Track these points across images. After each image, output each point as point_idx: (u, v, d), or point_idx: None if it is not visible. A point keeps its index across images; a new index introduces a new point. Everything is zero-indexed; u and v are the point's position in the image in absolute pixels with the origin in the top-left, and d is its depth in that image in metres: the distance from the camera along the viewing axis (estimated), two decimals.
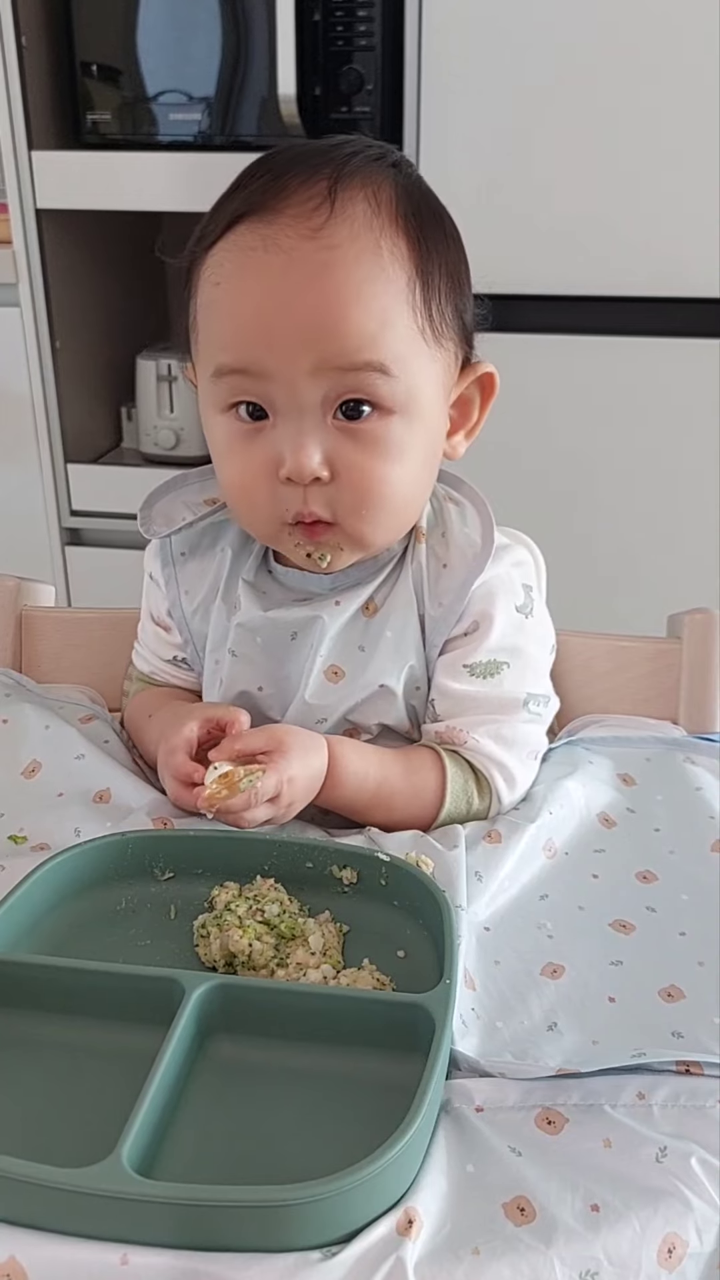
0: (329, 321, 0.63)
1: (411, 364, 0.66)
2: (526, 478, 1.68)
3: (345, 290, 0.63)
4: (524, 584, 0.76)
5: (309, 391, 0.65)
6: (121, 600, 0.94)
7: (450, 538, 0.75)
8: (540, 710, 0.76)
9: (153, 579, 0.83)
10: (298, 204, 0.64)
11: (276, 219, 0.64)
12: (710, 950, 0.60)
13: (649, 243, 1.58)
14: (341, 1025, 0.52)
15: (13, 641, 0.92)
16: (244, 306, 0.65)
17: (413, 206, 0.67)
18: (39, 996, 0.54)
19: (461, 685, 0.74)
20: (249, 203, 0.65)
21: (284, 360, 0.64)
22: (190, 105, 1.71)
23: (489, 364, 0.73)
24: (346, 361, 0.64)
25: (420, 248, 0.66)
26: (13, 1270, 0.42)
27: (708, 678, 0.85)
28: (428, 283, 0.67)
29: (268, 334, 0.64)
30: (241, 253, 0.65)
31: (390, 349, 0.65)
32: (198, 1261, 0.42)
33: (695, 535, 1.72)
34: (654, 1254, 0.44)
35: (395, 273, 0.65)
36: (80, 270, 1.89)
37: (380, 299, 0.64)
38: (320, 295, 0.63)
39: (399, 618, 0.75)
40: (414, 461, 0.69)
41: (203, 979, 0.53)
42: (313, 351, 0.64)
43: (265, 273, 0.64)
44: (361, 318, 0.64)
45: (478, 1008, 0.56)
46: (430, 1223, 0.44)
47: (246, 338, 0.65)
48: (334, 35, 1.60)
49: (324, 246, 0.63)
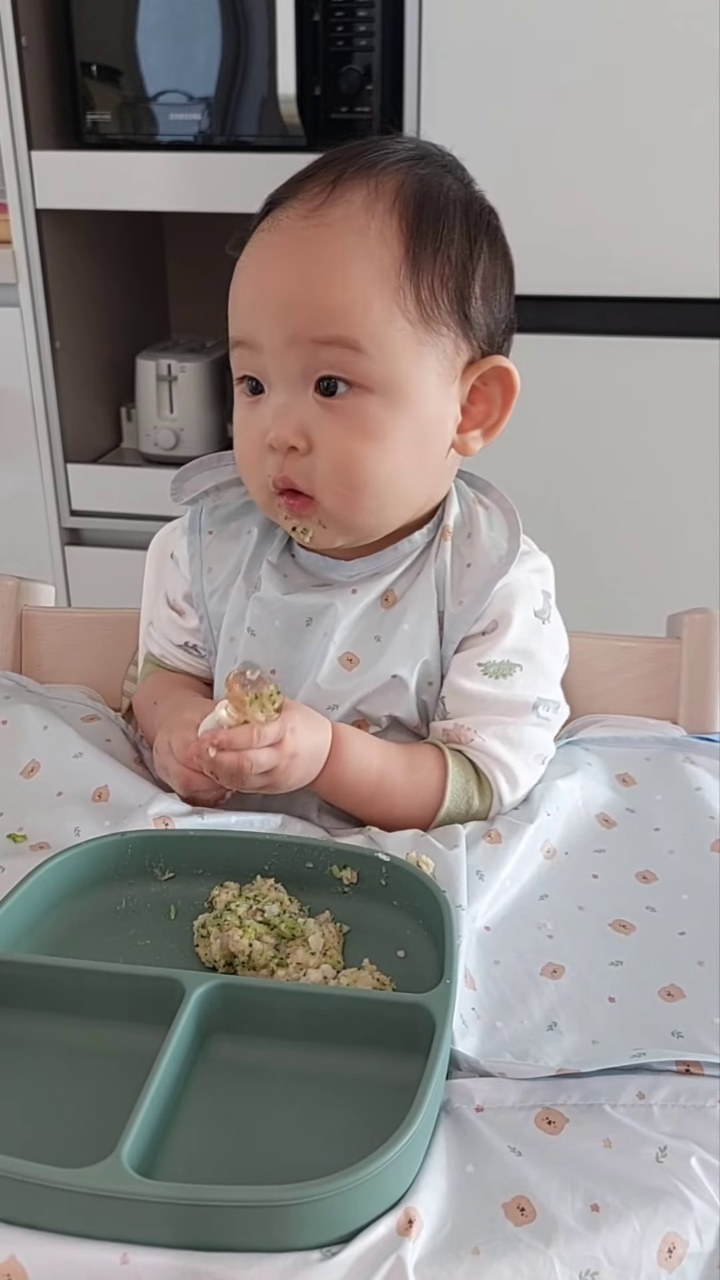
0: (304, 293, 0.67)
1: (392, 346, 0.67)
2: (526, 477, 1.67)
3: (322, 265, 0.67)
4: (543, 590, 0.77)
5: (289, 363, 0.68)
6: (121, 600, 0.94)
7: (476, 539, 0.76)
8: (549, 715, 0.76)
9: (174, 559, 0.83)
10: (306, 189, 0.69)
11: (288, 205, 0.69)
12: (710, 950, 0.60)
13: (649, 243, 1.58)
14: (341, 1025, 0.52)
15: (13, 641, 0.92)
16: (244, 280, 0.71)
17: (419, 195, 0.68)
18: (39, 996, 0.54)
19: (474, 684, 0.74)
20: (276, 194, 0.71)
21: (267, 332, 0.68)
22: (190, 105, 1.71)
23: (503, 359, 0.73)
24: (318, 334, 0.67)
25: (417, 228, 0.68)
26: (13, 1270, 0.42)
27: (707, 678, 0.85)
28: (417, 266, 0.67)
29: (255, 306, 0.69)
30: (257, 236, 0.71)
31: (363, 327, 0.66)
32: (198, 1261, 0.42)
33: (695, 535, 1.72)
34: (654, 1254, 0.44)
35: (380, 252, 0.66)
36: (80, 270, 1.89)
37: (359, 276, 0.66)
38: (299, 268, 0.67)
39: (417, 611, 0.75)
40: (397, 445, 0.69)
41: (203, 979, 0.53)
42: (288, 323, 0.67)
43: (264, 249, 0.69)
44: (334, 292, 0.66)
45: (478, 1007, 0.56)
46: (430, 1223, 0.44)
47: (242, 310, 0.70)
48: (334, 35, 1.60)
49: (314, 224, 0.67)
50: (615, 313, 1.63)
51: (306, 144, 1.67)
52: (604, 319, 1.63)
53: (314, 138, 1.67)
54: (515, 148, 1.55)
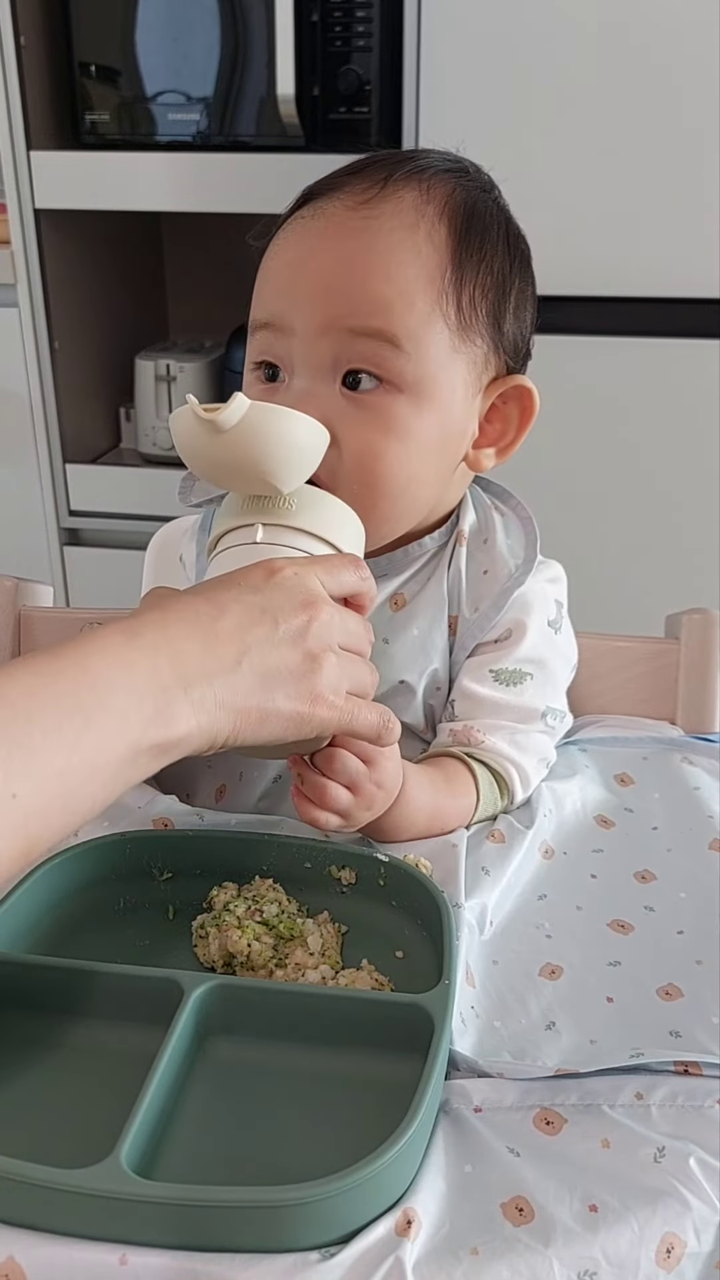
0: (347, 280, 0.65)
1: (428, 347, 0.66)
2: (526, 477, 1.68)
3: (370, 255, 0.65)
4: (556, 599, 0.77)
5: (319, 350, 0.66)
6: (120, 600, 0.94)
7: (493, 545, 0.75)
8: (555, 724, 0.76)
9: (182, 562, 0.82)
10: (354, 184, 0.68)
11: (333, 196, 0.68)
12: (709, 949, 0.60)
13: (649, 243, 1.59)
14: (340, 1026, 0.52)
15: (11, 642, 0.92)
16: (278, 262, 0.69)
17: (468, 205, 0.69)
18: (39, 996, 0.54)
19: (485, 690, 0.74)
20: (316, 186, 0.69)
21: (301, 314, 0.66)
22: (189, 105, 1.71)
23: (527, 380, 0.72)
24: (358, 323, 0.65)
25: (463, 240, 0.68)
26: (11, 1270, 0.42)
27: (706, 678, 0.85)
28: (461, 273, 0.67)
29: (292, 286, 0.67)
30: (296, 223, 0.69)
31: (404, 323, 0.65)
32: (196, 1262, 0.42)
33: (695, 535, 1.72)
34: (652, 1254, 0.44)
35: (428, 251, 0.66)
36: (79, 270, 1.89)
37: (405, 271, 0.65)
38: (345, 254, 0.66)
39: (427, 617, 0.75)
40: (420, 447, 0.68)
41: (202, 979, 0.53)
42: (328, 307, 0.65)
43: (305, 234, 0.68)
44: (380, 284, 0.65)
45: (476, 1006, 0.56)
46: (429, 1223, 0.44)
47: (275, 290, 0.68)
48: (333, 36, 1.60)
49: (363, 216, 0.66)
50: (615, 313, 1.63)
51: (305, 144, 1.67)
52: (604, 319, 1.63)
53: (313, 138, 1.67)
54: (515, 148, 1.55)
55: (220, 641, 0.53)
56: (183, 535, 0.84)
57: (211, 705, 0.52)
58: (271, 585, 0.56)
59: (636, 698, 0.87)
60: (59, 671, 0.48)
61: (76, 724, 0.47)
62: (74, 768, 0.47)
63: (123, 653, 0.50)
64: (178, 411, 0.60)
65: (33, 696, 0.47)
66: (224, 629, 0.53)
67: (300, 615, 0.55)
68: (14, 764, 0.45)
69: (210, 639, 0.53)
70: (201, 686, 0.51)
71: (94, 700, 0.48)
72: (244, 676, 0.53)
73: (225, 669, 0.52)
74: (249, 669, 0.53)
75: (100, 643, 0.50)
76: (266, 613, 0.55)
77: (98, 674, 0.49)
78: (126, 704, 0.49)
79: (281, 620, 0.55)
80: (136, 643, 0.51)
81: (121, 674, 0.49)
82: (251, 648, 0.53)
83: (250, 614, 0.54)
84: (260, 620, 0.54)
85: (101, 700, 0.48)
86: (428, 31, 1.55)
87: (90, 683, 0.48)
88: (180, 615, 0.53)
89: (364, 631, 0.61)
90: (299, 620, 0.55)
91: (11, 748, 0.45)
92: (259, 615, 0.54)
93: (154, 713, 0.49)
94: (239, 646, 0.53)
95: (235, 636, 0.53)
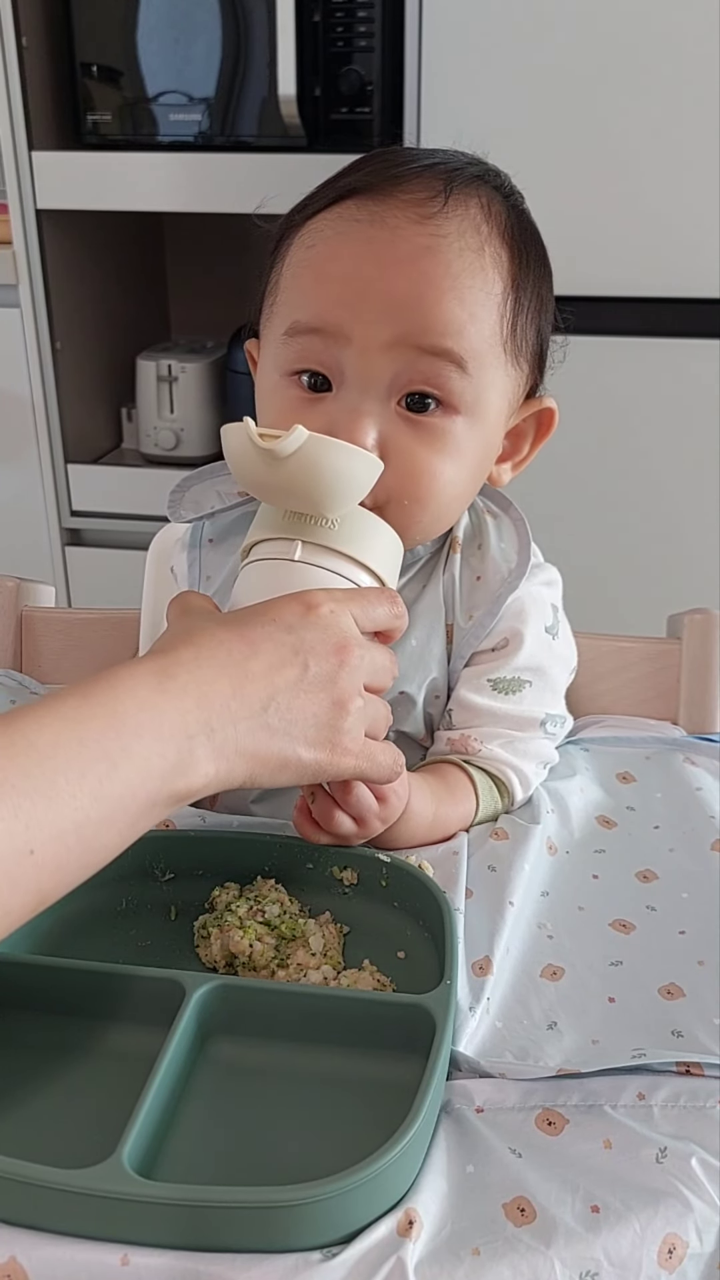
0: (421, 299, 0.64)
1: (488, 370, 0.66)
2: (526, 478, 1.68)
3: (445, 276, 0.64)
4: (553, 604, 0.76)
5: (381, 365, 0.64)
6: (122, 600, 0.94)
7: (486, 551, 0.75)
8: (555, 730, 0.76)
9: (173, 573, 0.82)
10: (412, 191, 0.65)
11: (388, 199, 0.65)
12: (710, 949, 0.60)
13: (649, 243, 1.59)
14: (342, 1026, 0.52)
15: (13, 642, 0.92)
16: (336, 268, 0.65)
17: (519, 226, 0.69)
18: (39, 997, 0.54)
19: (483, 699, 0.73)
20: (363, 181, 0.66)
21: (365, 326, 0.64)
22: (190, 106, 1.71)
23: (552, 400, 0.73)
24: (428, 343, 0.64)
25: (520, 264, 0.68)
26: (13, 1271, 0.42)
27: (707, 678, 0.85)
28: (520, 299, 0.67)
29: (356, 297, 0.64)
30: (345, 222, 0.65)
31: (472, 346, 0.65)
32: (198, 1262, 0.42)
33: (695, 535, 1.72)
34: (654, 1255, 0.44)
35: (493, 277, 0.66)
36: (80, 271, 1.89)
37: (474, 295, 0.65)
38: (419, 273, 0.64)
39: (424, 626, 0.74)
40: (468, 466, 0.68)
41: (203, 980, 0.53)
42: (397, 323, 0.63)
43: (367, 242, 0.64)
44: (454, 306, 0.64)
45: (492, 997, 0.56)
46: (430, 1223, 0.44)
47: (332, 297, 0.65)
48: (334, 36, 1.60)
49: (431, 233, 0.64)
50: (615, 313, 1.63)
51: (307, 145, 1.67)
52: (604, 319, 1.63)
53: (314, 138, 1.67)
54: (515, 148, 1.55)
55: (250, 682, 0.53)
56: (174, 545, 0.83)
57: (232, 752, 0.52)
58: (306, 624, 0.56)
59: (638, 698, 0.87)
60: (89, 715, 0.48)
61: (100, 770, 0.47)
62: (92, 820, 0.47)
63: (153, 696, 0.50)
64: (232, 426, 0.60)
65: (58, 746, 0.47)
66: (255, 670, 0.53)
67: (332, 659, 0.56)
68: (36, 813, 0.45)
69: (240, 680, 0.53)
70: (225, 730, 0.51)
71: (119, 748, 0.48)
72: (268, 723, 0.53)
73: (251, 713, 0.52)
74: (275, 715, 0.53)
75: (131, 684, 0.50)
76: (299, 654, 0.55)
77: (125, 716, 0.49)
78: (150, 751, 0.49)
79: (313, 663, 0.55)
80: (168, 686, 0.51)
81: (149, 717, 0.49)
82: (280, 691, 0.53)
83: (282, 654, 0.54)
84: (291, 662, 0.54)
85: (127, 748, 0.48)
86: (429, 32, 1.55)
87: (118, 728, 0.48)
88: (213, 655, 0.53)
89: (390, 665, 0.61)
90: (330, 664, 0.55)
91: (35, 797, 0.45)
92: (290, 656, 0.54)
93: (176, 761, 0.49)
94: (268, 690, 0.53)
95: (265, 678, 0.53)
